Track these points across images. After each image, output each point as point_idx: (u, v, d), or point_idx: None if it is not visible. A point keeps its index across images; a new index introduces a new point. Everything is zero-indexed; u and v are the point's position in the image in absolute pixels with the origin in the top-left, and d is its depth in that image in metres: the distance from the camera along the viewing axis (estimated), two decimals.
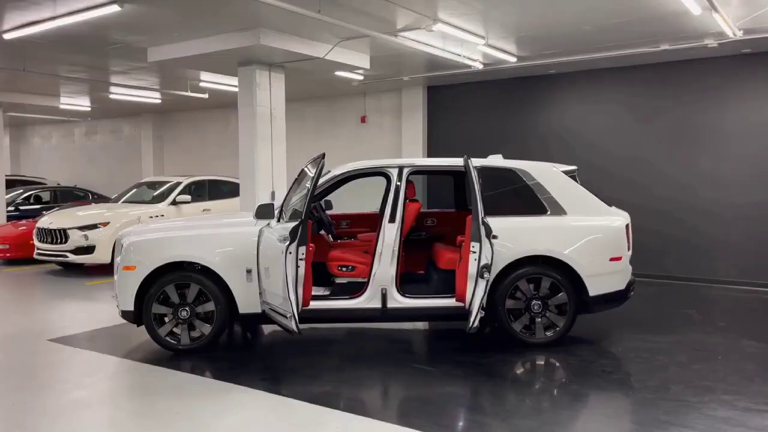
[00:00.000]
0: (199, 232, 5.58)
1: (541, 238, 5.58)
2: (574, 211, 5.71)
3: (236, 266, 5.40)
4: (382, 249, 5.58)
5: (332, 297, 5.69)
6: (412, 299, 5.62)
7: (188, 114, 15.79)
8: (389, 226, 5.62)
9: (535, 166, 5.90)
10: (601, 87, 9.93)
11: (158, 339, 5.48)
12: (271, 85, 8.35)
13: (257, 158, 8.29)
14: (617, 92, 9.79)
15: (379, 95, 12.37)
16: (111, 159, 17.42)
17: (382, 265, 5.56)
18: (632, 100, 9.66)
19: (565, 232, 5.62)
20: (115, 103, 13.93)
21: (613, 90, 9.82)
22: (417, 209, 5.94)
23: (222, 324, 5.47)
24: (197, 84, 11.01)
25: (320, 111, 13.23)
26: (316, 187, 4.85)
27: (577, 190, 5.83)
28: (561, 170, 5.92)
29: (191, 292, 5.46)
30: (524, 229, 5.59)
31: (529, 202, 5.76)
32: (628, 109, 9.70)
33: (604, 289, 5.63)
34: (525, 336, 5.56)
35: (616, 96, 9.80)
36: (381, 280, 5.56)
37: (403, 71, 10.20)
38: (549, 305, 5.57)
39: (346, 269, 5.84)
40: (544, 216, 5.69)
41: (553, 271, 5.54)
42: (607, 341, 5.83)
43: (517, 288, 5.55)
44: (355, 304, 5.59)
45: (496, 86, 10.98)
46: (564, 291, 5.54)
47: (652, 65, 9.38)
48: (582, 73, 10.03)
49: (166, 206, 10.73)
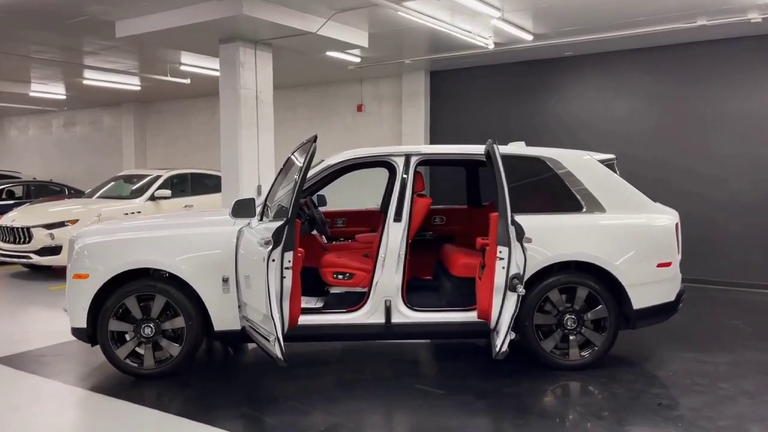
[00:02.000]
0: (166, 232, 4.65)
1: (576, 239, 4.68)
2: (613, 207, 4.81)
3: (210, 274, 4.48)
4: (385, 253, 4.68)
5: (326, 310, 4.78)
6: (422, 313, 4.72)
7: (172, 103, 14.85)
8: (394, 226, 4.70)
9: (567, 155, 4.99)
10: (621, 71, 9.05)
11: (116, 362, 4.56)
12: (257, 66, 7.39)
13: (241, 148, 7.35)
14: (639, 77, 8.90)
15: (377, 81, 11.50)
16: (91, 151, 16.45)
17: (385, 272, 4.66)
18: (656, 86, 8.77)
19: (604, 232, 4.72)
20: (91, 91, 12.98)
21: (635, 75, 8.93)
22: (427, 206, 5.03)
23: (193, 343, 4.55)
24: (177, 68, 10.05)
25: (313, 99, 12.37)
26: (305, 178, 3.92)
27: (616, 182, 4.92)
28: (597, 159, 5.01)
29: (156, 306, 4.54)
30: (555, 230, 4.68)
31: (560, 197, 4.86)
32: (652, 97, 8.80)
33: (651, 301, 4.73)
34: (557, 357, 4.66)
35: (638, 81, 8.91)
36: (384, 290, 4.65)
37: (404, 52, 9.28)
38: (585, 320, 4.67)
39: (342, 277, 4.92)
40: (579, 213, 4.78)
41: (589, 279, 4.65)
42: (654, 362, 4.93)
43: (548, 299, 4.65)
44: (353, 319, 4.68)
45: (506, 71, 10.07)
46: (603, 303, 4.64)
47: (682, 46, 8.48)
48: (600, 56, 9.13)
49: (143, 202, 9.79)
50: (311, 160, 3.96)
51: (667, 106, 8.68)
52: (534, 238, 4.42)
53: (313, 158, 3.98)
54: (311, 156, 3.93)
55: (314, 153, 3.96)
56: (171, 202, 10.02)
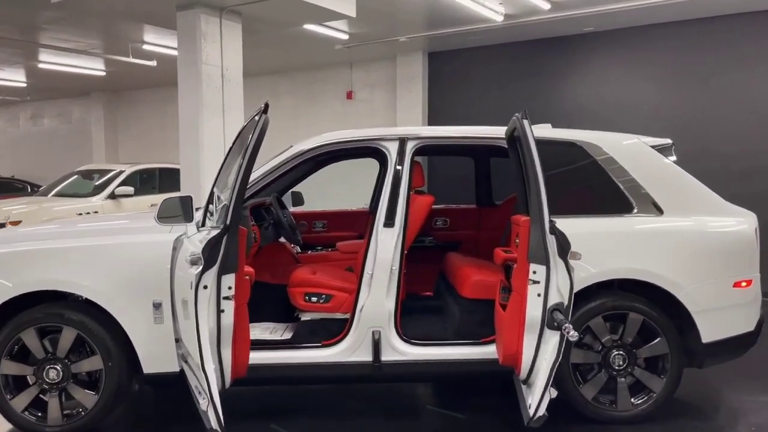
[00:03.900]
0: (79, 242, 3.46)
1: (625, 251, 3.53)
2: (673, 207, 3.64)
3: (138, 298, 3.30)
4: (373, 268, 3.52)
5: (293, 344, 3.61)
6: (422, 347, 3.58)
7: (145, 93, 13.71)
8: (385, 233, 3.55)
9: (610, 138, 3.83)
10: (648, 49, 7.96)
11: (10, 416, 3.40)
12: (222, 37, 6.21)
13: (203, 135, 6.17)
14: (670, 54, 7.78)
15: (368, 65, 10.42)
16: (59, 146, 15.28)
17: (373, 294, 3.51)
18: (690, 66, 7.65)
19: (663, 241, 3.56)
20: (53, 77, 11.86)
21: (665, 52, 7.82)
22: (427, 206, 3.86)
23: (115, 391, 3.39)
24: (140, 47, 8.87)
25: (298, 86, 11.31)
26: (251, 165, 2.75)
27: (676, 175, 3.76)
28: (650, 145, 3.84)
29: (64, 341, 3.38)
30: (598, 238, 3.52)
31: (602, 194, 3.71)
32: (685, 77, 7.68)
33: (725, 332, 3.58)
34: (601, 407, 3.50)
35: (669, 59, 7.81)
36: (372, 318, 3.51)
37: (399, 28, 8.14)
38: (638, 358, 3.51)
39: (317, 299, 3.75)
40: (628, 216, 3.62)
41: (644, 303, 3.49)
42: (726, 411, 3.80)
43: (588, 330, 3.49)
44: (329, 357, 3.53)
45: (516, 51, 8.95)
46: (662, 335, 3.49)
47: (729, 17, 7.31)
48: (625, 32, 8.02)
49: (101, 200, 8.67)
50: (260, 139, 2.78)
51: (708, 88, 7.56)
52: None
53: (263, 136, 2.81)
54: (261, 133, 2.75)
55: (265, 129, 2.79)
56: (134, 200, 8.88)
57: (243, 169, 2.65)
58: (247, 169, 2.69)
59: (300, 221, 5.02)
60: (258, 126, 2.74)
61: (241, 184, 2.67)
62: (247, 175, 2.72)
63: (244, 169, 2.66)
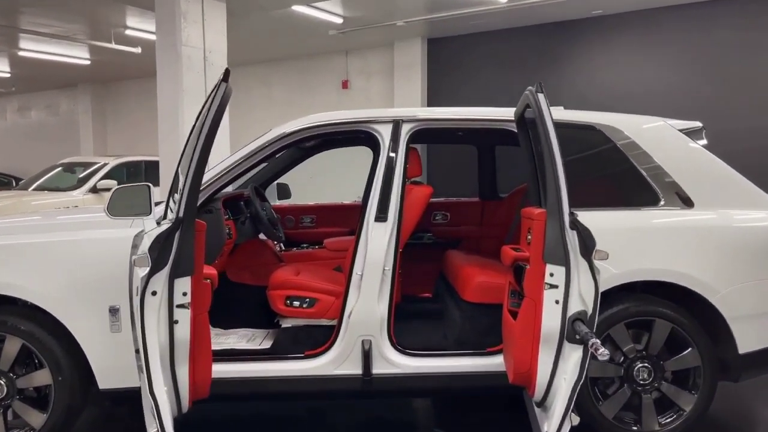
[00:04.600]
0: (23, 239, 3.02)
1: (651, 249, 3.09)
2: (706, 199, 3.20)
3: (91, 302, 2.89)
4: (363, 268, 3.08)
5: (271, 355, 3.18)
6: (418, 358, 3.14)
7: (133, 84, 13.34)
8: (376, 228, 3.11)
9: (633, 122, 3.39)
10: (660, 32, 7.53)
11: None
12: (204, 18, 5.75)
13: (183, 123, 5.75)
14: (682, 38, 7.37)
15: (364, 53, 10.04)
16: (47, 138, 14.92)
17: (363, 298, 3.08)
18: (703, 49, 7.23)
19: (694, 238, 3.12)
20: (37, 66, 11.52)
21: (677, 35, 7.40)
22: (425, 198, 3.42)
23: (67, 410, 2.95)
24: (123, 32, 8.43)
25: (291, 75, 10.94)
26: (210, 142, 2.31)
27: (710, 163, 3.31)
28: (678, 129, 3.39)
29: (8, 351, 2.95)
30: (619, 234, 3.07)
31: (624, 185, 3.29)
32: (698, 60, 7.26)
33: (766, 341, 3.13)
34: (624, 428, 3.06)
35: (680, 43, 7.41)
36: (361, 325, 3.09)
37: (396, 12, 7.77)
38: (665, 371, 3.07)
39: (299, 304, 3.31)
40: (654, 209, 3.18)
41: (672, 309, 3.05)
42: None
43: (609, 339, 3.05)
44: (313, 369, 3.11)
45: (520, 37, 8.56)
46: (694, 346, 3.05)
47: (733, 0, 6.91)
48: (635, 15, 7.61)
49: (83, 194, 8.28)
50: (220, 111, 2.33)
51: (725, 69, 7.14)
52: None
53: (223, 108, 2.36)
54: (221, 104, 2.31)
55: (226, 100, 2.34)
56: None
57: (199, 149, 2.21)
58: (205, 149, 2.25)
59: (287, 216, 4.59)
60: (217, 95, 2.30)
61: (196, 168, 2.23)
62: (205, 155, 2.28)
63: (201, 148, 2.22)
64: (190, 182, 2.24)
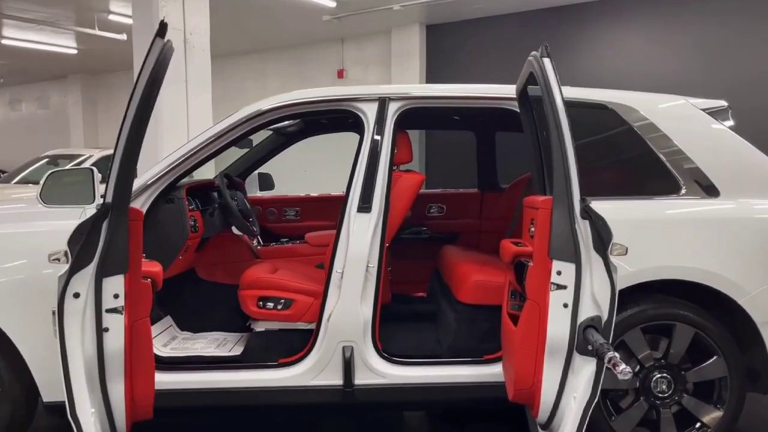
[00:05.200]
0: None
1: (671, 244, 2.72)
2: (733, 188, 2.83)
3: (30, 304, 2.52)
4: (344, 265, 2.72)
5: (241, 363, 2.83)
6: (406, 367, 2.79)
7: (124, 75, 13.00)
8: (359, 220, 2.76)
9: (651, 101, 3.02)
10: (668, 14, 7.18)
11: None
12: None
13: (162, 111, 5.39)
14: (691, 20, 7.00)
15: (361, 41, 9.70)
16: (37, 131, 14.63)
17: (344, 299, 2.73)
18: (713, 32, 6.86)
19: (719, 231, 2.76)
20: (23, 56, 11.21)
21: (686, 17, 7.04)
22: (416, 185, 3.05)
23: (8, 425, 2.62)
24: (107, 18, 8.10)
25: (285, 65, 10.62)
26: (146, 109, 1.95)
27: (738, 147, 2.93)
28: (700, 108, 3.01)
29: None
30: (635, 227, 2.70)
31: (641, 171, 2.95)
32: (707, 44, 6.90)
33: None
34: None
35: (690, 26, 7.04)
36: (342, 329, 2.74)
37: None
38: (687, 381, 2.70)
39: (273, 305, 2.95)
40: (675, 198, 2.82)
41: (694, 312, 2.67)
42: None
43: (623, 345, 2.68)
44: (288, 380, 2.76)
45: (523, 20, 8.22)
46: (720, 354, 2.68)
47: None
48: None
49: None
50: (156, 73, 1.96)
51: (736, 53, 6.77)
52: None
53: (160, 69, 1.99)
54: (157, 65, 1.94)
55: (162, 59, 1.98)
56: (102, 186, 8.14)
57: (130, 121, 1.84)
58: (137, 121, 1.88)
59: (268, 208, 4.24)
60: (151, 55, 1.93)
61: (128, 144, 1.86)
62: (138, 128, 1.91)
63: (133, 120, 1.85)
64: (120, 160, 1.87)
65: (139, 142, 1.96)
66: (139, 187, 2.74)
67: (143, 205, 2.74)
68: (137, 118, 1.90)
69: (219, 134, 2.88)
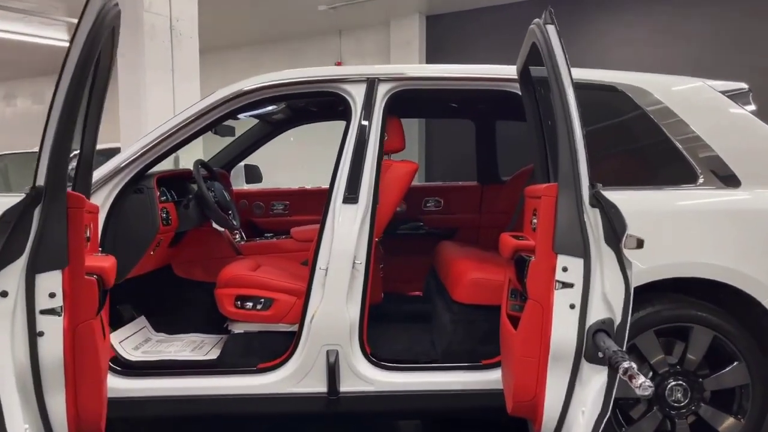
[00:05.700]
0: None
1: (688, 238, 2.48)
2: (755, 177, 2.59)
3: None
4: (328, 261, 2.49)
5: (217, 368, 2.60)
6: (396, 373, 2.56)
7: None
8: (345, 211, 2.52)
9: (665, 83, 2.77)
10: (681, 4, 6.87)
11: None
12: None
13: (146, 102, 5.14)
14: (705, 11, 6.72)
15: (359, 32, 9.45)
16: (34, 126, 14.25)
17: (328, 298, 2.49)
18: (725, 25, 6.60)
19: (741, 225, 2.52)
20: (15, 50, 10.94)
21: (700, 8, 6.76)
22: (408, 175, 2.81)
23: None
24: None
25: (281, 58, 10.37)
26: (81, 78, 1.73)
27: (760, 132, 2.68)
28: (718, 90, 2.76)
29: None
30: (649, 220, 2.45)
31: (655, 159, 2.70)
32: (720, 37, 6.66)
33: None
34: None
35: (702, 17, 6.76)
36: (326, 331, 2.51)
37: None
38: (705, 389, 2.46)
39: (252, 305, 2.71)
40: (692, 188, 2.57)
41: (713, 313, 2.43)
42: None
43: (634, 349, 2.44)
44: (267, 386, 2.54)
45: (528, 11, 7.82)
46: (742, 359, 2.44)
47: None
48: None
49: None
50: (93, 38, 1.73)
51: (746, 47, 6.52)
52: None
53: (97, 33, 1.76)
54: (95, 26, 1.71)
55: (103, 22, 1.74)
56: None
57: (63, 92, 1.60)
58: (72, 92, 1.64)
59: (255, 201, 4.01)
60: (88, 12, 1.70)
61: (61, 119, 1.62)
62: (72, 100, 1.67)
63: (67, 91, 1.61)
64: (53, 138, 1.63)
65: (74, 117, 1.72)
66: (103, 176, 2.52)
67: (108, 196, 2.51)
68: (71, 90, 1.66)
69: (194, 116, 2.66)
